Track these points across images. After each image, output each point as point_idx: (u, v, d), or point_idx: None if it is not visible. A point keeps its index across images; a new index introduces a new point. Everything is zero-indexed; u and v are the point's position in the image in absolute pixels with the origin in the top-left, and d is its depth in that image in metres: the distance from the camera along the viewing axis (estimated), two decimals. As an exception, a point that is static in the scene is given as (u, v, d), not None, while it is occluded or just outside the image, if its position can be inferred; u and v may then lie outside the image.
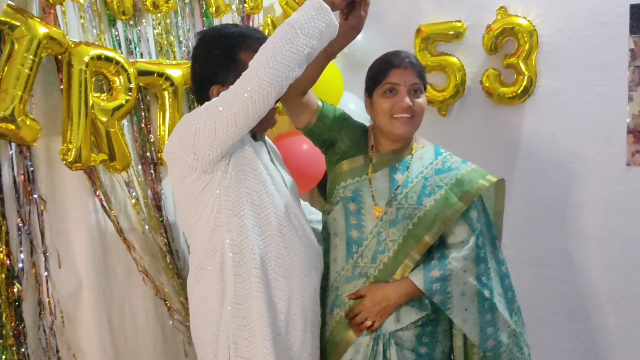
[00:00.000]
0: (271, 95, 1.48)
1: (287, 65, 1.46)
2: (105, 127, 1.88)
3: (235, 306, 1.57)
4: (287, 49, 1.46)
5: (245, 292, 1.57)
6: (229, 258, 1.57)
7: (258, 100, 1.48)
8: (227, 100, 1.51)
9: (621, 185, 2.39)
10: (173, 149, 1.59)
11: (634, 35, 2.31)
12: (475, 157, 2.61)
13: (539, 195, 2.54)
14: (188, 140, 1.55)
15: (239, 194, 1.59)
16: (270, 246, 1.63)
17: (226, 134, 1.51)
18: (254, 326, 1.57)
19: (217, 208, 1.58)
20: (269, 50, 1.47)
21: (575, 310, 2.51)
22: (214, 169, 1.57)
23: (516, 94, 2.49)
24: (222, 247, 1.58)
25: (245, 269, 1.58)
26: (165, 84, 2.08)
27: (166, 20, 2.19)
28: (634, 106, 2.34)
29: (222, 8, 2.30)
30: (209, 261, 1.60)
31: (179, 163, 1.59)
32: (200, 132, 1.53)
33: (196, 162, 1.55)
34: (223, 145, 1.53)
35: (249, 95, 1.47)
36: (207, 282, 1.61)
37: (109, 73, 1.90)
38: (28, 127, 1.70)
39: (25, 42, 1.67)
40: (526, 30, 2.43)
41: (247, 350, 1.57)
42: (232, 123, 1.50)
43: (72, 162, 1.78)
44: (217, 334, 1.59)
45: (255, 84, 1.47)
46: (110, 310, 2.03)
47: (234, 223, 1.58)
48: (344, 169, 1.83)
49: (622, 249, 2.41)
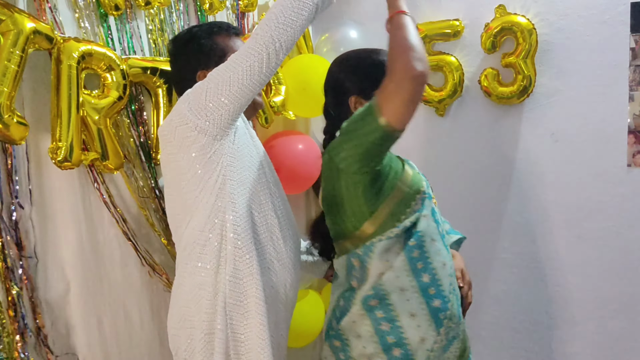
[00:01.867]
0: (282, 49, 1.51)
1: (294, 21, 1.52)
2: (97, 125, 1.83)
3: (234, 280, 1.56)
4: (294, 6, 1.52)
5: (245, 266, 1.57)
6: (230, 230, 1.56)
7: (272, 53, 1.50)
8: (241, 56, 1.52)
9: (621, 186, 2.36)
10: (181, 115, 1.56)
11: (635, 34, 2.28)
12: (474, 158, 2.60)
13: (537, 197, 2.51)
14: (199, 102, 1.54)
15: (242, 166, 1.60)
16: (268, 226, 1.65)
17: (241, 89, 1.51)
18: (250, 302, 1.57)
19: (222, 178, 1.57)
20: (278, 8, 1.52)
21: (575, 314, 2.49)
22: (222, 136, 1.56)
23: (515, 94, 2.46)
24: (223, 218, 1.57)
25: (245, 243, 1.57)
26: (159, 81, 2.03)
27: (160, 17, 2.14)
28: (635, 106, 2.31)
29: (216, 5, 2.26)
30: (206, 235, 1.58)
31: (186, 129, 1.55)
32: (212, 91, 1.52)
33: (207, 124, 1.53)
34: (237, 102, 1.53)
35: (262, 49, 1.50)
36: (204, 258, 1.58)
37: (99, 69, 1.85)
38: (15, 125, 1.64)
39: (12, 36, 1.61)
40: (525, 29, 2.40)
41: (241, 326, 1.57)
42: (247, 76, 1.51)
43: (61, 161, 1.73)
44: (213, 311, 1.57)
45: (267, 38, 1.50)
46: (100, 315, 1.98)
47: (237, 195, 1.58)
48: (412, 171, 1.69)
49: (622, 251, 2.38)
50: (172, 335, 1.66)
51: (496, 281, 2.61)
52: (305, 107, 2.53)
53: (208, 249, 1.58)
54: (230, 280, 1.56)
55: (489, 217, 2.60)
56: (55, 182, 1.86)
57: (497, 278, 2.61)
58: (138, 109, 2.06)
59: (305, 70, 2.50)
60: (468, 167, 2.60)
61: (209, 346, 1.58)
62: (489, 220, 2.60)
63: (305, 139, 2.56)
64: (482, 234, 2.59)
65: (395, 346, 1.58)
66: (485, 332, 2.64)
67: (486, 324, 2.64)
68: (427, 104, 2.65)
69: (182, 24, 2.22)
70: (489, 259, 2.61)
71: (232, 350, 1.58)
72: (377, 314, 1.59)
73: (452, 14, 2.57)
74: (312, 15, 1.56)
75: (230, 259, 1.56)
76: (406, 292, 1.58)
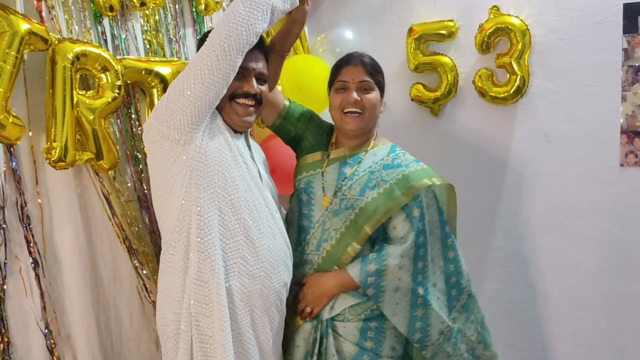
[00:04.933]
0: (232, 47, 1.53)
1: (246, 20, 1.54)
2: (92, 126, 1.85)
3: (198, 282, 1.58)
4: (246, 6, 1.54)
5: (208, 269, 1.58)
6: (194, 234, 1.58)
7: (220, 54, 1.53)
8: (192, 61, 1.56)
9: (614, 186, 2.37)
10: (149, 122, 1.61)
11: (628, 34, 2.30)
12: (467, 158, 2.61)
13: (531, 197, 2.53)
14: (161, 109, 1.58)
15: (210, 171, 1.60)
16: (236, 234, 1.63)
17: (194, 93, 1.53)
18: (214, 305, 1.57)
19: (187, 182, 1.58)
20: (229, 10, 1.55)
21: (568, 313, 2.50)
22: (186, 141, 1.57)
23: (509, 94, 2.47)
24: (189, 222, 1.59)
25: (208, 247, 1.58)
26: (154, 81, 2.04)
27: (155, 17, 2.16)
28: (628, 106, 2.32)
29: (212, 6, 2.27)
30: (176, 237, 1.60)
31: (152, 134, 1.60)
32: (170, 97, 1.57)
33: (168, 129, 1.56)
34: (192, 106, 1.54)
35: (211, 51, 1.53)
36: (173, 259, 1.61)
37: (94, 70, 1.86)
38: (11, 125, 1.66)
39: (7, 38, 1.63)
40: (519, 30, 2.42)
41: (208, 329, 1.58)
42: (198, 80, 1.53)
43: (56, 161, 1.75)
44: (180, 312, 1.59)
45: (216, 39, 1.53)
46: (98, 313, 2.00)
47: (203, 199, 1.59)
48: (305, 162, 1.96)
49: (615, 250, 2.40)
50: (157, 331, 1.71)
51: (489, 280, 2.63)
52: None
53: (177, 250, 1.60)
54: (195, 283, 1.58)
55: (482, 216, 2.61)
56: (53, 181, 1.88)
57: (490, 277, 2.63)
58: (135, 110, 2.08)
59: (301, 71, 2.51)
60: (462, 167, 2.61)
61: (177, 346, 1.60)
62: (482, 220, 2.61)
63: (301, 138, 2.57)
64: (476, 234, 2.61)
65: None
66: (480, 331, 2.65)
67: (480, 322, 2.65)
68: (422, 104, 2.66)
69: (176, 25, 2.24)
70: (482, 259, 2.63)
71: (199, 352, 1.58)
72: None
73: (447, 15, 2.59)
74: (268, 16, 1.58)
75: (194, 262, 1.58)
76: None
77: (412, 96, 2.67)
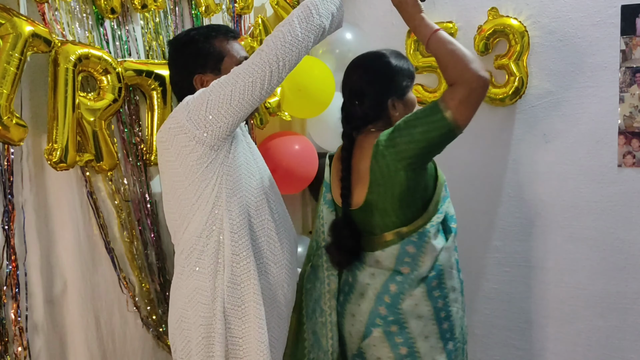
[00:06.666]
0: (285, 68, 1.55)
1: (301, 42, 1.56)
2: (92, 127, 1.86)
3: (232, 285, 1.60)
4: (302, 27, 1.55)
5: (242, 271, 1.60)
6: (227, 237, 1.59)
7: (275, 70, 1.54)
8: (244, 71, 1.55)
9: (612, 186, 2.38)
10: (180, 124, 1.58)
11: (625, 36, 2.31)
12: (467, 158, 2.62)
13: (529, 197, 2.54)
14: (199, 113, 1.56)
15: (239, 175, 1.63)
16: (265, 230, 1.68)
17: (241, 103, 1.54)
18: (248, 306, 1.60)
19: (218, 187, 1.60)
20: (286, 27, 1.55)
21: (566, 312, 2.51)
22: (219, 146, 1.59)
23: (507, 95, 2.48)
24: (220, 226, 1.60)
25: (243, 249, 1.60)
26: (154, 83, 2.06)
27: (155, 20, 2.17)
28: (625, 107, 2.33)
29: (212, 8, 2.28)
30: (204, 241, 1.61)
31: (184, 138, 1.58)
32: (212, 103, 1.55)
33: (206, 135, 1.56)
34: (236, 116, 1.56)
35: (266, 65, 1.53)
36: (201, 263, 1.61)
37: (96, 72, 1.88)
38: (14, 126, 1.67)
39: (11, 40, 1.65)
40: (517, 31, 2.43)
41: (239, 330, 1.60)
42: (248, 91, 1.54)
43: (57, 162, 1.76)
44: (211, 315, 1.59)
45: (272, 55, 1.53)
46: (97, 314, 2.01)
47: (233, 203, 1.61)
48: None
49: (613, 250, 2.41)
50: (171, 334, 1.70)
51: (488, 280, 2.64)
52: (300, 108, 2.55)
53: (206, 254, 1.61)
54: (229, 286, 1.59)
55: (482, 217, 2.62)
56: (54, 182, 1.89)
57: (489, 277, 2.64)
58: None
59: (301, 72, 2.51)
60: (461, 168, 2.62)
61: (207, 349, 1.60)
62: (481, 220, 2.62)
63: (301, 139, 2.59)
64: (475, 234, 2.62)
65: (445, 320, 1.76)
66: (478, 331, 2.67)
67: (478, 322, 2.67)
68: (422, 105, 2.67)
69: (176, 27, 2.25)
70: (481, 258, 2.64)
71: (230, 354, 1.60)
72: (435, 293, 1.74)
73: (446, 17, 2.61)
74: (319, 37, 1.60)
75: (227, 265, 1.59)
76: (452, 269, 1.78)
77: (411, 97, 2.68)
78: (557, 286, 2.52)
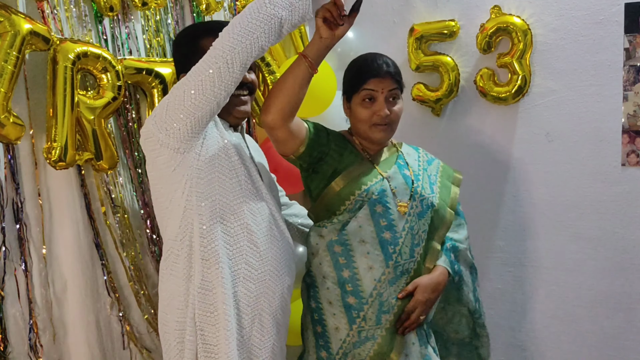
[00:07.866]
0: (235, 61, 1.48)
1: (252, 32, 1.48)
2: (92, 126, 1.85)
3: (202, 291, 1.56)
4: (253, 17, 1.48)
5: (213, 277, 1.56)
6: (197, 242, 1.56)
7: (222, 66, 1.48)
8: (193, 71, 1.52)
9: (616, 185, 2.37)
10: (147, 128, 1.58)
11: (629, 34, 2.29)
12: (469, 158, 2.61)
13: (533, 196, 2.52)
14: (160, 116, 1.54)
15: (210, 178, 1.58)
16: (245, 235, 1.62)
17: (194, 104, 1.50)
18: (219, 313, 1.56)
19: (188, 190, 1.56)
20: (235, 20, 1.50)
21: (571, 312, 2.49)
22: (185, 149, 1.55)
23: (510, 94, 2.47)
24: (191, 230, 1.57)
25: (212, 254, 1.56)
26: (154, 81, 2.05)
27: (155, 18, 2.16)
28: (629, 106, 2.32)
29: (213, 6, 2.27)
30: (178, 245, 1.59)
31: (151, 142, 1.57)
32: (170, 105, 1.53)
33: (167, 137, 1.53)
34: (191, 117, 1.51)
35: (213, 62, 1.48)
36: (176, 267, 1.59)
37: (95, 70, 1.87)
38: (11, 125, 1.67)
39: (9, 38, 1.64)
40: (520, 30, 2.41)
41: (213, 337, 1.56)
42: (199, 90, 1.49)
43: (56, 161, 1.75)
44: (184, 320, 1.57)
45: (219, 50, 1.49)
46: (97, 314, 2.00)
47: (204, 207, 1.57)
48: (354, 175, 1.80)
49: (617, 249, 2.39)
50: (160, 335, 1.69)
51: (492, 280, 2.62)
52: (302, 106, 2.53)
53: (180, 258, 1.59)
54: (199, 292, 1.56)
55: (485, 216, 2.61)
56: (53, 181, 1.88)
57: (492, 277, 2.62)
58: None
59: (302, 71, 2.51)
60: (464, 167, 2.59)
61: (181, 355, 1.59)
62: (485, 220, 2.61)
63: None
64: (478, 234, 2.60)
65: (317, 324, 1.79)
66: (481, 331, 2.65)
67: (482, 323, 2.65)
68: (424, 104, 2.66)
69: (177, 25, 2.24)
70: (484, 258, 2.62)
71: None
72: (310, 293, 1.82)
73: (448, 15, 2.59)
74: (277, 29, 1.50)
75: (198, 270, 1.56)
76: (327, 280, 1.77)
77: (413, 96, 2.66)
78: (561, 286, 2.50)
